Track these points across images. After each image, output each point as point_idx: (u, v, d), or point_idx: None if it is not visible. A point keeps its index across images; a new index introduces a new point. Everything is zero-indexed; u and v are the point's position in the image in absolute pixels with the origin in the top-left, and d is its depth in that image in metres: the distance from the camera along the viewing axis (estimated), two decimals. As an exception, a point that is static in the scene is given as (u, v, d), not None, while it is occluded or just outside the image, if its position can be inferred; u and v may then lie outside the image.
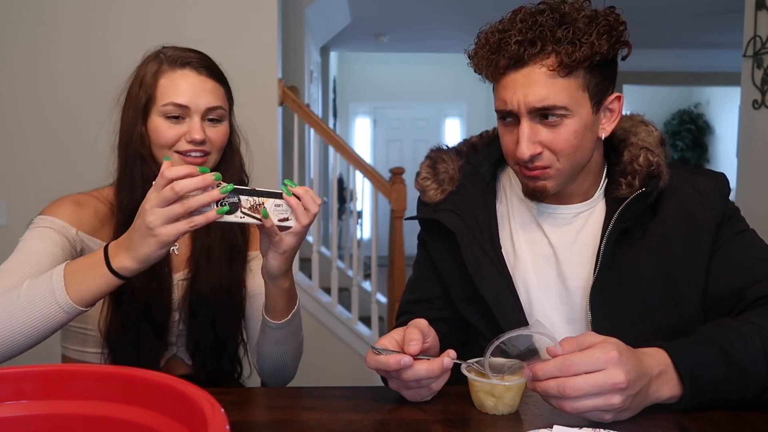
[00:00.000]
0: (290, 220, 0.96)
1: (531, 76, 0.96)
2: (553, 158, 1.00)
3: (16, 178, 2.94)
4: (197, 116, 1.13)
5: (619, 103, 1.04)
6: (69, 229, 1.10)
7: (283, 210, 0.95)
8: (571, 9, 0.96)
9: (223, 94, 1.19)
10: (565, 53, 0.94)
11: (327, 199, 5.00)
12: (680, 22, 5.59)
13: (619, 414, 0.81)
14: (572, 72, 0.95)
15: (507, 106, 0.98)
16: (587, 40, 0.94)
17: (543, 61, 0.95)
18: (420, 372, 0.88)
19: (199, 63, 1.15)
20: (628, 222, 1.02)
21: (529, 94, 0.96)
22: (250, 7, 3.06)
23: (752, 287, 0.97)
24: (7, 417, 0.65)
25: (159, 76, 1.13)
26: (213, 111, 1.15)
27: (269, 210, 0.93)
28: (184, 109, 1.12)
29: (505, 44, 0.96)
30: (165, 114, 1.12)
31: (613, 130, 1.09)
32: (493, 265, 1.07)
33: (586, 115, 0.99)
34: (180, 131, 1.13)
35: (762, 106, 2.87)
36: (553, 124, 0.98)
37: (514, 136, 1.00)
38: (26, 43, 2.96)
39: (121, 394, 0.65)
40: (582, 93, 0.98)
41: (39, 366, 0.69)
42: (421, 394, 0.92)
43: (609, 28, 0.96)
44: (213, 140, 1.15)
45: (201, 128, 1.13)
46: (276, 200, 0.94)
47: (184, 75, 1.14)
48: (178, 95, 1.12)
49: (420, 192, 1.16)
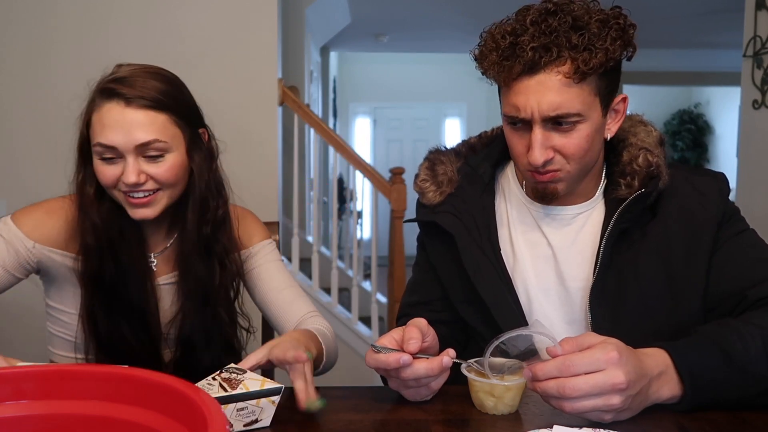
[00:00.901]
0: (260, 420, 0.85)
1: (545, 83, 0.94)
2: (564, 162, 0.99)
3: (16, 178, 2.94)
4: (131, 156, 1.02)
5: (624, 104, 1.04)
6: (26, 241, 1.08)
7: (249, 412, 0.84)
8: (580, 10, 0.95)
9: (164, 123, 1.04)
10: (582, 61, 0.92)
11: (327, 199, 5.00)
12: (680, 21, 5.59)
13: (619, 414, 0.81)
14: (586, 78, 0.94)
15: (520, 114, 0.97)
16: (602, 46, 0.93)
17: (558, 68, 0.93)
18: (419, 371, 0.88)
19: (131, 92, 1.02)
20: (628, 223, 1.02)
21: (543, 102, 0.94)
22: (250, 7, 3.06)
23: (753, 288, 0.97)
24: (7, 417, 0.65)
25: (91, 109, 1.04)
26: (148, 146, 1.03)
27: (230, 415, 0.83)
28: (112, 150, 1.02)
29: (520, 50, 0.93)
30: (98, 154, 1.04)
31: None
32: (492, 267, 1.07)
33: (597, 119, 0.99)
34: (116, 172, 1.04)
35: (762, 106, 2.87)
36: (566, 130, 0.97)
37: (525, 140, 1.00)
38: (26, 43, 2.96)
39: (121, 394, 0.65)
40: (594, 98, 0.97)
41: (39, 366, 0.69)
42: (420, 394, 0.92)
43: (621, 32, 0.95)
44: (157, 177, 1.05)
45: (135, 169, 1.02)
46: (238, 404, 0.83)
47: (110, 109, 1.02)
48: (104, 134, 1.02)
49: (419, 194, 1.15)
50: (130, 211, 1.08)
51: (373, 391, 0.98)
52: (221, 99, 3.01)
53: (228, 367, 0.90)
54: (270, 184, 3.12)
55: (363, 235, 7.06)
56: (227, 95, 3.00)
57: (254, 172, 2.96)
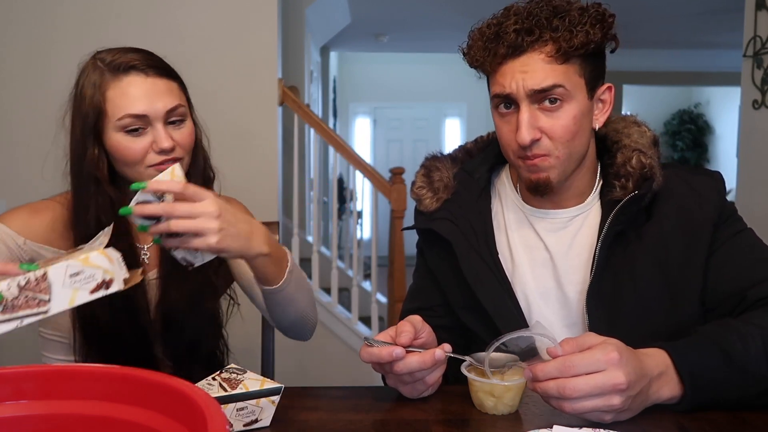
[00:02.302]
0: (260, 420, 0.85)
1: (529, 64, 0.97)
2: (552, 146, 1.00)
3: (16, 178, 2.94)
4: (159, 123, 1.05)
5: (610, 93, 1.05)
6: (16, 238, 1.07)
7: (249, 412, 0.84)
8: (561, 1, 0.99)
9: (178, 90, 1.09)
10: (563, 40, 0.95)
11: (327, 199, 5.00)
12: (680, 21, 5.59)
13: (619, 415, 0.81)
14: (569, 60, 0.97)
15: (506, 90, 0.99)
16: (582, 28, 0.96)
17: (541, 48, 0.97)
18: (412, 364, 0.88)
19: (144, 63, 1.05)
20: (623, 224, 1.02)
21: (527, 78, 0.97)
22: (250, 7, 3.06)
23: (753, 288, 0.97)
24: (7, 417, 0.65)
25: (104, 87, 1.04)
26: (174, 112, 1.06)
27: (230, 415, 0.82)
28: (143, 118, 1.04)
29: (504, 33, 0.97)
30: (123, 128, 1.04)
31: (606, 132, 1.09)
32: (491, 273, 1.07)
33: (583, 101, 1.00)
34: (145, 144, 1.05)
35: (762, 106, 2.87)
36: (553, 110, 0.98)
37: (512, 125, 1.01)
38: (26, 43, 2.96)
39: (121, 394, 0.65)
40: (579, 78, 0.99)
41: (39, 366, 0.69)
42: (417, 389, 0.92)
43: (600, 18, 0.98)
44: (182, 143, 1.08)
45: (167, 135, 1.05)
46: (238, 404, 0.83)
47: (132, 81, 1.04)
48: (133, 105, 1.03)
49: (416, 201, 1.15)
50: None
51: (373, 391, 0.98)
52: (221, 99, 3.02)
53: (228, 367, 0.90)
54: (270, 184, 3.12)
55: (363, 235, 7.06)
56: (227, 95, 3.00)
57: (254, 172, 2.96)
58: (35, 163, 2.93)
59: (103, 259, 0.80)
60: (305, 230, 4.29)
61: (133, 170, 1.07)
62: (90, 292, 0.79)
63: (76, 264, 0.78)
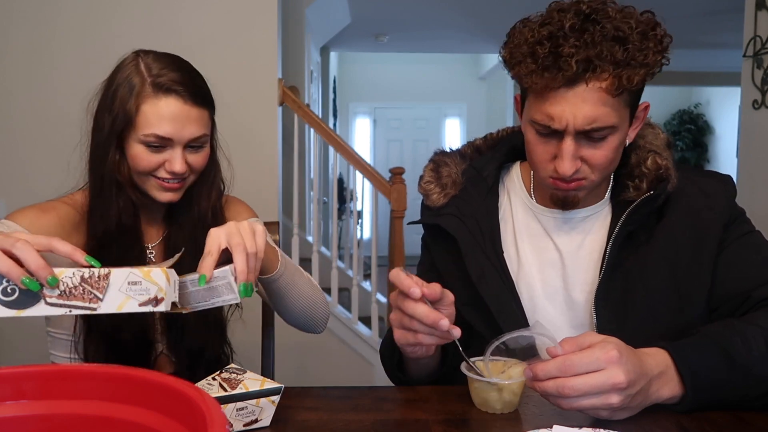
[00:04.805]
0: (260, 420, 0.85)
1: (584, 96, 0.92)
2: (589, 171, 0.99)
3: (16, 178, 2.94)
4: (179, 147, 1.09)
5: (645, 111, 1.04)
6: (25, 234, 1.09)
7: (249, 412, 0.84)
8: (618, 15, 0.92)
9: (207, 119, 1.13)
10: (626, 78, 0.90)
11: (327, 199, 5.00)
12: (680, 21, 5.59)
13: (615, 413, 0.81)
14: (622, 93, 0.93)
15: (554, 124, 0.94)
16: (643, 61, 0.91)
17: (600, 83, 0.91)
18: (418, 309, 0.87)
19: (186, 89, 1.08)
20: (635, 225, 1.02)
21: (579, 115, 0.92)
22: (250, 7, 3.06)
23: (758, 289, 0.97)
24: (7, 417, 0.65)
25: (141, 100, 1.06)
26: (197, 140, 1.10)
27: (230, 415, 0.82)
28: (167, 140, 1.07)
29: (564, 63, 0.90)
30: (146, 143, 1.07)
31: None
32: (495, 271, 1.07)
33: (625, 129, 0.99)
34: (160, 159, 1.08)
35: (762, 106, 2.87)
36: (597, 141, 0.96)
37: (550, 148, 0.98)
38: (27, 43, 2.96)
39: (121, 394, 0.65)
40: (625, 108, 0.96)
41: (39, 366, 0.69)
42: (407, 339, 0.91)
43: (659, 43, 0.94)
44: (194, 166, 1.12)
45: (182, 159, 1.09)
46: (238, 404, 0.83)
47: (169, 104, 1.07)
48: (161, 127, 1.06)
49: (423, 195, 1.15)
50: (159, 195, 1.11)
51: (373, 391, 0.98)
52: (221, 99, 3.00)
53: (228, 367, 0.90)
54: (270, 184, 3.12)
55: (363, 235, 7.06)
56: (227, 95, 2.97)
57: (254, 172, 2.96)
58: (36, 164, 2.94)
59: (162, 277, 0.82)
60: (305, 230, 4.29)
61: (139, 177, 1.10)
62: (140, 304, 0.81)
63: (138, 273, 0.80)
